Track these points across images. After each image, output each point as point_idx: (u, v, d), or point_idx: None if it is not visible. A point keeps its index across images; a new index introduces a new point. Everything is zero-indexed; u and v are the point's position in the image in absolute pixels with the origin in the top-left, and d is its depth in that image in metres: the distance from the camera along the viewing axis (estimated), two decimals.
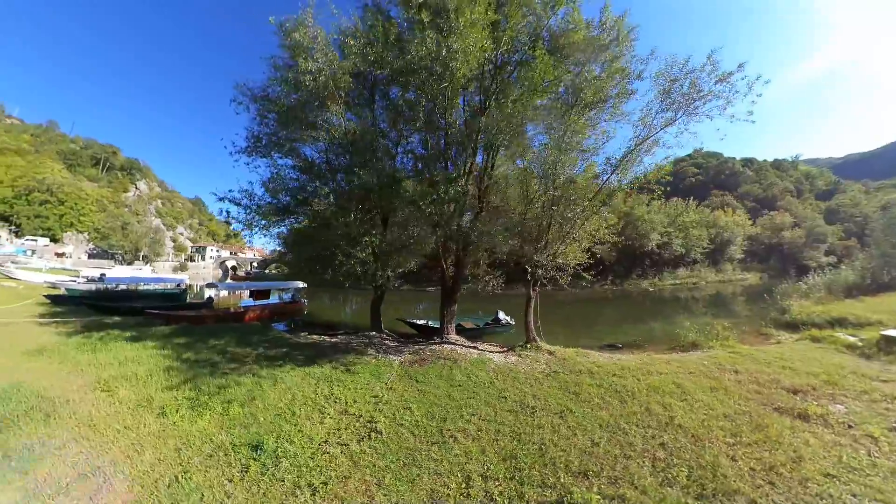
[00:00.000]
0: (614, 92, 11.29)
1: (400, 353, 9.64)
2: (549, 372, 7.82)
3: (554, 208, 10.24)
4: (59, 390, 6.25)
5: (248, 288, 18.64)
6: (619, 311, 25.11)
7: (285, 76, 10.45)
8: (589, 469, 4.14)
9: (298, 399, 6.33)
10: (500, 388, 6.81)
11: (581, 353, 9.56)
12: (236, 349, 9.82)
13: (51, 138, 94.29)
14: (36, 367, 7.63)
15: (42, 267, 38.53)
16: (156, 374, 7.32)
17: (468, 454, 4.49)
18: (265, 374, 7.68)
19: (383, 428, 5.19)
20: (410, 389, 6.83)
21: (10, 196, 65.95)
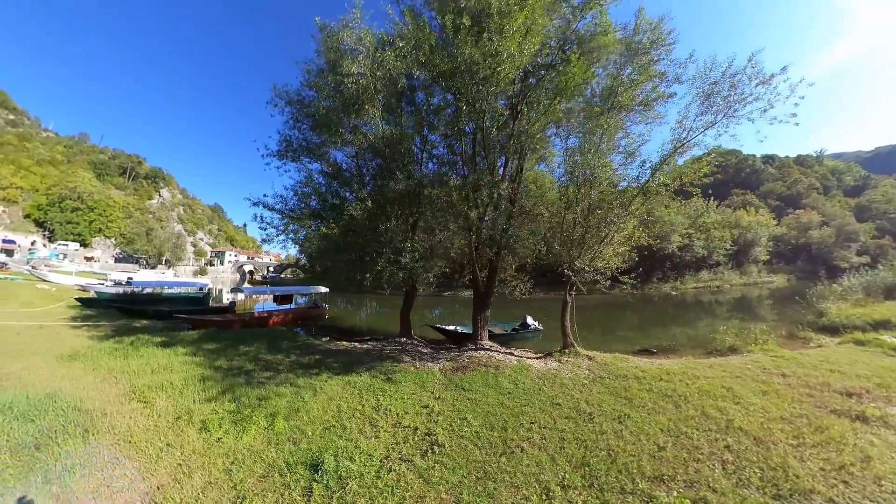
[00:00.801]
0: (651, 95, 10.89)
1: (437, 361, 9.15)
2: (594, 377, 7.52)
3: (598, 211, 9.88)
4: (95, 401, 5.82)
5: (271, 293, 18.29)
6: (642, 315, 24.09)
7: (325, 79, 10.13)
8: (663, 473, 4.02)
9: (345, 411, 5.85)
10: (550, 395, 6.50)
11: (620, 358, 9.19)
12: (268, 356, 9.38)
13: (82, 149, 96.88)
14: (70, 373, 7.26)
15: (72, 270, 38.96)
16: (191, 384, 6.87)
17: (539, 464, 4.26)
18: (302, 383, 7.24)
19: (444, 440, 4.79)
20: (460, 398, 6.41)
21: (45, 203, 67.63)
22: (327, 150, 12.10)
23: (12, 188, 66.30)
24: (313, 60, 12.00)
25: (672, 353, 11.73)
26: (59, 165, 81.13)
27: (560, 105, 11.82)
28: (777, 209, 75.42)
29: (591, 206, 10.06)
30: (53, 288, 27.06)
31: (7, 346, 9.08)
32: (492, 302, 12.36)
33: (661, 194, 10.45)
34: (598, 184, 10.12)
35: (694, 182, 9.95)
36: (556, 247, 11.00)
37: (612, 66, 11.29)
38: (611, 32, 12.12)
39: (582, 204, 10.19)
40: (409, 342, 11.44)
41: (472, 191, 9.90)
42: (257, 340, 10.97)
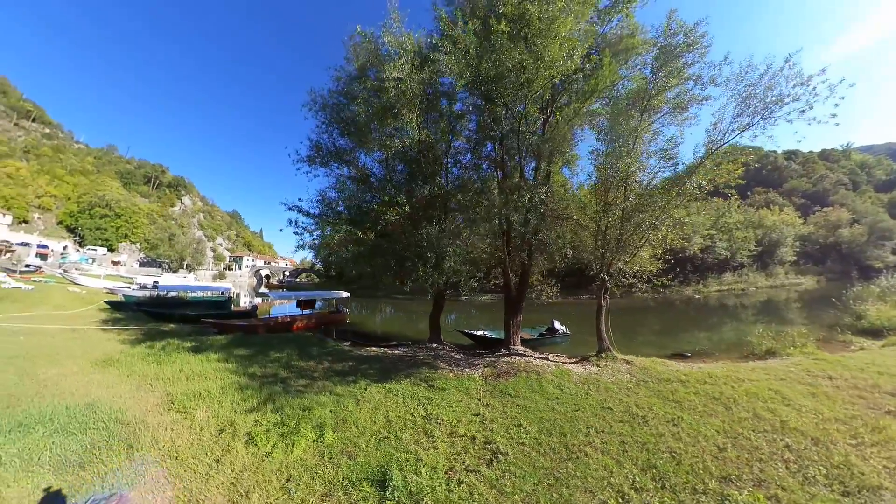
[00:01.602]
0: (685, 97, 10.49)
1: (475, 367, 8.70)
2: (636, 381, 7.28)
3: (639, 214, 9.53)
4: (134, 411, 5.46)
5: (295, 297, 17.97)
6: (663, 319, 23.12)
7: (363, 84, 9.88)
8: (730, 474, 4.00)
9: (394, 420, 5.47)
10: (599, 400, 6.31)
11: (658, 362, 8.85)
12: (300, 362, 8.99)
13: (110, 160, 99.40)
14: (105, 380, 6.94)
15: (101, 274, 39.49)
16: (229, 393, 6.48)
17: (607, 468, 4.16)
18: (341, 391, 6.84)
19: (506, 448, 4.56)
20: (510, 405, 6.13)
21: (76, 210, 69.32)
22: (357, 156, 11.87)
23: (47, 197, 68.15)
24: (343, 67, 11.86)
25: (707, 357, 11.31)
26: (90, 175, 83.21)
27: (588, 107, 11.58)
28: (802, 207, 69.41)
29: (627, 209, 9.77)
30: (84, 291, 27.30)
31: (43, 350, 8.85)
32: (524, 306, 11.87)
33: (698, 196, 10.12)
34: (635, 187, 9.89)
35: (729, 183, 9.53)
36: (590, 250, 10.77)
37: (644, 69, 11.00)
38: (637, 35, 11.75)
39: (620, 207, 9.86)
40: (441, 348, 10.98)
41: (511, 194, 9.60)
42: (286, 346, 10.60)
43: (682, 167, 9.78)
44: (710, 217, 11.14)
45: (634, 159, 10.18)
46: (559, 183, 13.61)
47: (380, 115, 9.65)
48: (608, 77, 10.14)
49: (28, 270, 34.59)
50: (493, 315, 25.13)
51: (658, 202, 9.66)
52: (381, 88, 8.95)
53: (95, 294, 26.50)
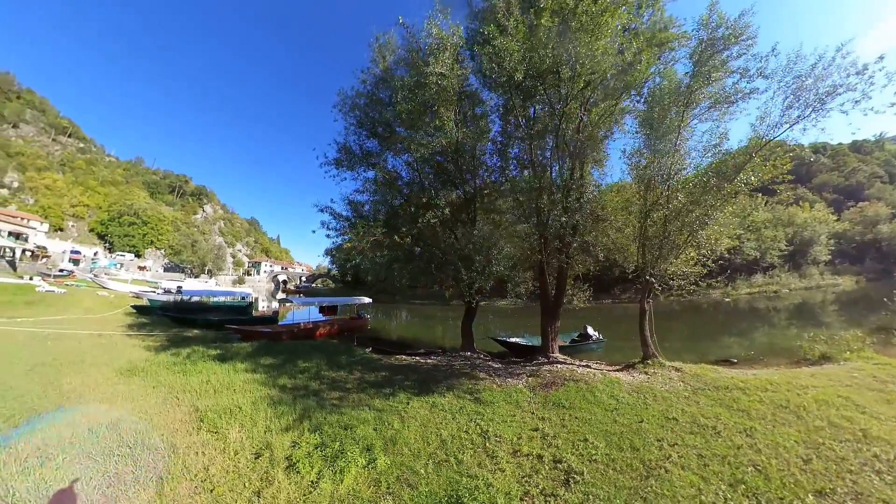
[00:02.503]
0: (731, 91, 9.72)
1: (516, 376, 7.98)
2: (692, 389, 6.79)
3: (693, 211, 8.94)
4: (162, 430, 4.81)
5: (318, 303, 17.44)
6: (691, 325, 21.57)
7: (390, 84, 9.35)
8: (823, 487, 3.70)
9: (448, 440, 4.84)
10: (660, 410, 5.83)
11: (708, 369, 8.26)
12: (330, 373, 8.31)
13: (138, 171, 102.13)
14: (130, 391, 6.35)
15: (128, 279, 39.91)
16: (261, 408, 5.82)
17: (693, 484, 3.80)
18: (381, 405, 6.18)
19: (580, 467, 4.12)
20: (567, 417, 5.63)
21: (107, 219, 71.09)
22: (385, 158, 11.33)
23: (81, 206, 70.13)
24: (369, 69, 11.41)
25: (754, 363, 10.44)
26: (119, 186, 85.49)
27: (622, 104, 11.02)
28: (835, 203, 63.55)
29: (674, 208, 9.16)
30: (112, 295, 27.37)
31: (69, 357, 8.39)
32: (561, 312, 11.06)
33: (746, 194, 9.45)
34: (681, 185, 9.29)
35: (776, 179, 9.02)
36: (627, 251, 10.34)
37: (678, 64, 10.35)
38: (671, 28, 11.09)
39: (665, 206, 9.24)
40: (476, 356, 10.23)
41: (552, 194, 8.94)
42: (314, 355, 9.94)
43: (731, 163, 9.03)
44: (737, 216, 10.38)
45: (681, 157, 9.51)
46: (590, 183, 12.92)
47: (418, 113, 9.06)
48: (644, 72, 9.37)
49: (61, 275, 35.07)
50: (514, 322, 24.18)
51: (709, 200, 8.96)
52: (420, 85, 8.39)
53: (123, 298, 26.51)
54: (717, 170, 9.28)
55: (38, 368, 7.29)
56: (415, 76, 8.95)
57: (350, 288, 62.30)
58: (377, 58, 11.05)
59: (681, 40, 10.63)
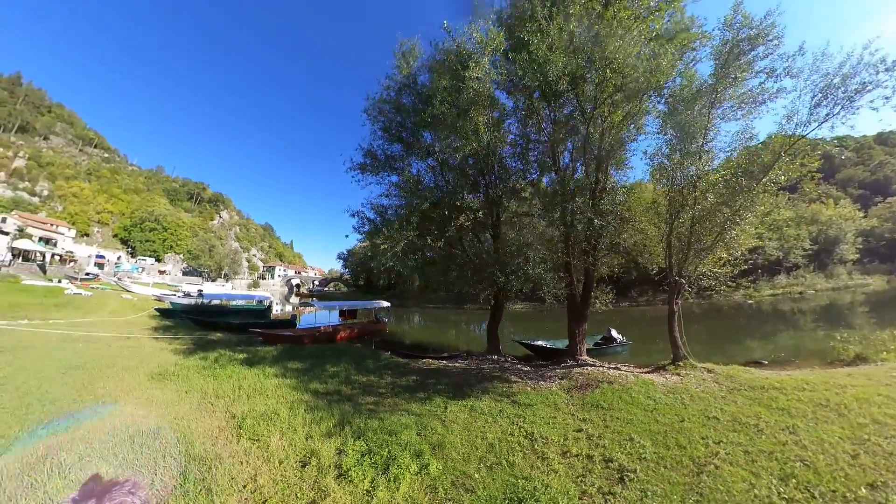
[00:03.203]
0: (757, 91, 9.46)
1: (547, 379, 7.78)
2: (727, 390, 6.67)
3: (718, 214, 8.81)
4: (201, 437, 4.55)
5: (339, 307, 17.23)
6: (710, 328, 20.76)
7: (440, 84, 9.17)
8: (875, 480, 3.67)
9: (495, 443, 4.72)
10: (700, 410, 5.76)
11: (741, 370, 8.01)
12: (360, 377, 8.02)
13: (158, 179, 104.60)
14: (164, 397, 6.13)
15: (149, 282, 40.48)
16: (298, 413, 5.54)
17: (744, 479, 3.82)
18: (419, 409, 5.98)
19: (632, 465, 4.11)
20: (609, 418, 5.58)
21: (129, 225, 72.79)
22: (408, 164, 11.18)
23: (105, 212, 71.96)
24: (392, 76, 11.32)
25: (786, 364, 10.13)
26: (141, 193, 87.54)
27: (644, 105, 10.80)
28: (861, 199, 58.88)
29: (702, 209, 8.99)
30: (135, 298, 27.68)
31: (101, 360, 8.25)
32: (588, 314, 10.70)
33: (772, 193, 9.16)
34: (710, 186, 9.08)
35: (803, 176, 8.85)
36: (653, 252, 10.17)
37: (699, 64, 10.19)
38: (692, 28, 10.85)
39: (692, 207, 9.01)
40: (504, 359, 9.97)
41: (591, 198, 8.73)
42: (340, 359, 9.66)
43: (759, 162, 8.76)
44: (757, 214, 10.09)
45: (710, 158, 9.35)
46: (616, 185, 12.61)
47: (454, 116, 8.86)
48: (668, 73, 9.13)
49: (87, 278, 35.71)
50: (529, 325, 23.67)
51: (739, 200, 8.67)
52: (457, 89, 8.26)
53: (145, 301, 26.77)
54: (745, 170, 9.02)
55: (71, 372, 7.15)
56: (450, 80, 8.78)
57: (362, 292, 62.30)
58: (401, 64, 11.00)
59: (702, 40, 10.42)
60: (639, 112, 10.57)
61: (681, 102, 9.68)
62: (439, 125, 9.26)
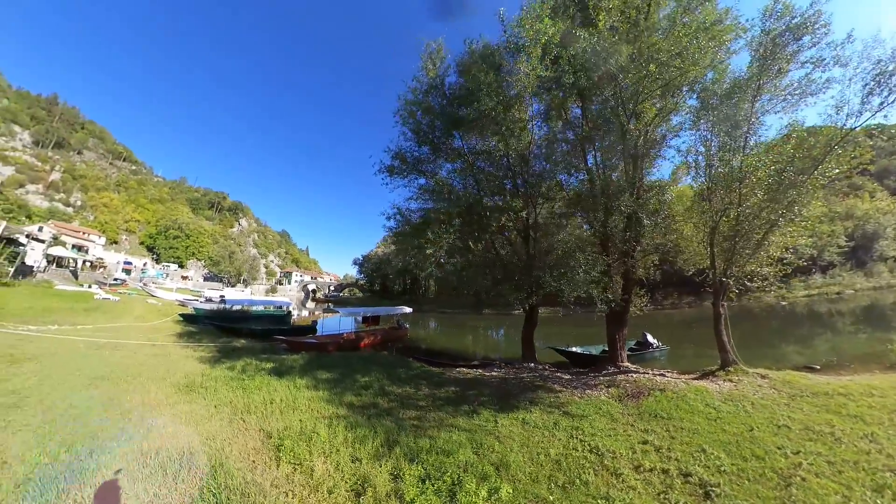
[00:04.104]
0: (804, 83, 8.71)
1: (593, 387, 7.23)
2: (789, 396, 6.32)
3: (767, 212, 8.33)
4: (237, 461, 3.96)
5: (363, 314, 16.69)
6: (740, 331, 19.05)
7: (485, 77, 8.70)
8: None
9: (560, 460, 4.35)
10: (766, 418, 5.45)
11: (797, 375, 7.56)
12: (395, 388, 7.37)
13: (181, 189, 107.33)
14: (193, 412, 5.57)
15: (172, 287, 40.95)
16: (338, 431, 4.90)
17: (836, 492, 3.50)
18: (466, 425, 5.42)
19: (714, 479, 3.84)
20: (672, 428, 5.21)
21: (154, 232, 74.63)
22: (438, 166, 10.73)
23: (133, 221, 74.03)
24: (418, 78, 10.93)
25: (840, 369, 9.53)
26: (165, 203, 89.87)
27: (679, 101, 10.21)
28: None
29: (749, 207, 8.47)
30: (160, 303, 27.82)
31: (127, 370, 7.81)
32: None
33: (824, 187, 8.70)
34: (756, 182, 8.52)
35: (855, 169, 8.42)
36: (693, 253, 9.76)
37: (732, 57, 9.54)
38: (725, 21, 10.23)
39: (741, 204, 8.47)
40: (543, 368, 9.33)
41: (632, 195, 8.11)
42: (371, 369, 9.04)
43: (810, 156, 8.23)
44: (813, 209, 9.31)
45: (759, 153, 8.70)
46: (657, 185, 11.84)
47: (498, 112, 8.34)
48: (706, 67, 8.76)
49: (115, 283, 36.31)
50: (550, 330, 22.65)
51: (789, 196, 8.13)
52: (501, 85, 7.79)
53: (170, 306, 26.83)
54: (795, 164, 8.20)
55: (97, 382, 6.69)
56: (495, 75, 8.29)
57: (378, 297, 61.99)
58: (427, 66, 10.64)
59: (738, 31, 9.76)
60: (675, 108, 10.03)
61: (715, 96, 9.15)
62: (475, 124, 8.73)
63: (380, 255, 72.78)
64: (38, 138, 74.98)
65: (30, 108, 78.25)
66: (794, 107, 8.95)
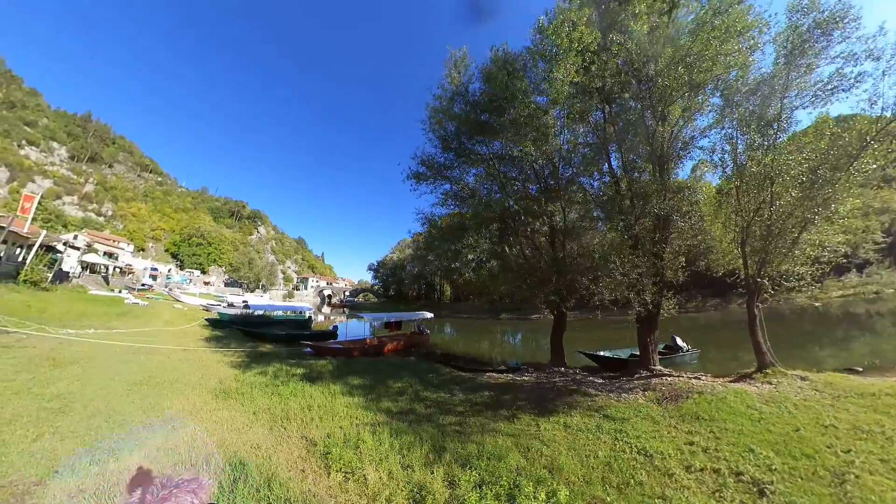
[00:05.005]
0: (835, 78, 8.20)
1: (629, 391, 7.03)
2: (833, 397, 6.01)
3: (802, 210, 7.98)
4: (287, 470, 3.75)
5: (387, 319, 16.53)
6: (773, 335, 17.96)
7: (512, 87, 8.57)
8: None
9: (610, 462, 4.27)
10: (811, 418, 5.25)
11: (839, 376, 7.25)
12: (429, 394, 7.12)
13: (203, 199, 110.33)
14: (232, 418, 5.41)
15: (196, 292, 41.78)
16: (383, 439, 4.65)
17: (894, 489, 3.39)
18: (508, 429, 5.26)
19: (766, 478, 3.75)
20: (717, 430, 5.06)
21: (178, 240, 76.72)
22: (465, 171, 10.61)
23: (159, 230, 76.30)
24: (443, 86, 10.91)
25: (885, 371, 8.98)
26: (188, 212, 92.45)
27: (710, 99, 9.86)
28: None
29: (782, 206, 8.13)
30: (185, 307, 28.30)
31: (164, 375, 7.75)
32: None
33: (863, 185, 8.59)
34: (790, 180, 8.11)
35: (893, 162, 7.83)
36: (730, 251, 9.30)
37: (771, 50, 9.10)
38: (747, 16, 9.92)
39: (773, 203, 8.13)
40: (574, 372, 9.00)
41: (658, 197, 7.86)
42: (400, 374, 8.79)
43: (845, 151, 7.81)
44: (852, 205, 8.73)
45: (791, 150, 8.33)
46: (685, 185, 11.40)
47: (540, 116, 8.18)
48: (732, 65, 8.37)
49: (143, 288, 37.24)
50: (582, 333, 21.95)
51: (824, 193, 7.78)
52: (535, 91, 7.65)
53: (195, 311, 27.26)
54: (829, 160, 7.81)
55: (136, 388, 6.61)
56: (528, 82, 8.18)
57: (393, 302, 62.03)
58: (452, 75, 10.65)
59: (761, 27, 9.40)
60: (700, 107, 9.73)
61: (738, 93, 8.79)
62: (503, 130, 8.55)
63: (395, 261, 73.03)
64: (73, 153, 78.33)
65: (66, 126, 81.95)
66: (824, 103, 8.51)
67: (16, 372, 6.60)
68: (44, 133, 73.10)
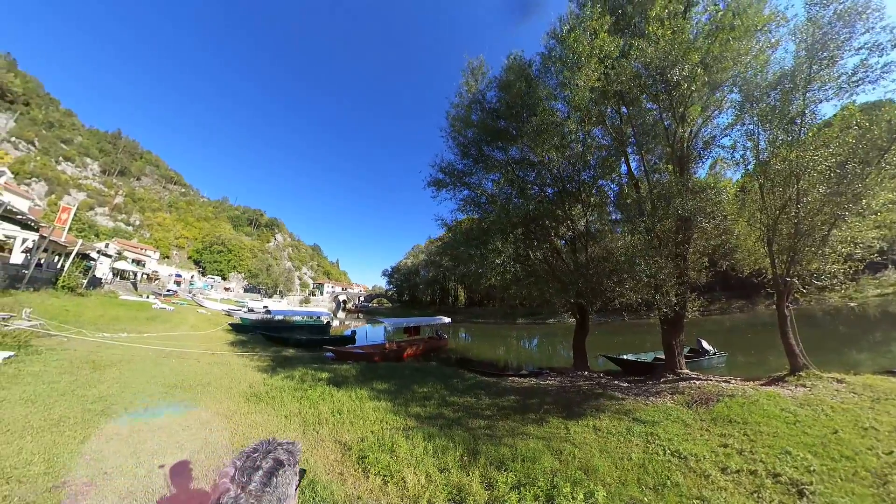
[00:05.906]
0: (859, 70, 7.81)
1: (656, 395, 6.80)
2: (871, 399, 5.78)
3: (832, 206, 7.65)
4: (326, 473, 3.71)
5: (406, 324, 16.53)
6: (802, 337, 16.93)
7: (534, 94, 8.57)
8: None
9: (644, 464, 4.20)
10: (848, 420, 5.03)
11: (878, 379, 6.88)
12: (455, 398, 6.99)
13: (224, 208, 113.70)
14: (266, 422, 5.40)
15: (217, 298, 42.80)
16: (416, 442, 4.56)
17: None
18: (538, 433, 5.18)
19: (807, 479, 3.62)
20: (750, 432, 4.89)
21: (200, 248, 79.12)
22: (482, 178, 10.60)
23: (182, 238, 78.90)
24: (461, 93, 10.97)
25: None
26: (210, 221, 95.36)
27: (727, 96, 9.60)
28: None
29: (809, 202, 7.82)
30: (209, 312, 28.95)
31: (196, 378, 7.85)
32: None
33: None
34: (818, 176, 7.75)
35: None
36: (756, 249, 9.05)
37: (772, 49, 8.79)
38: (763, 10, 9.62)
39: (800, 201, 7.83)
40: (598, 376, 8.80)
41: (679, 197, 7.71)
42: (425, 379, 8.71)
43: (875, 144, 7.49)
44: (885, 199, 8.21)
45: (817, 146, 7.87)
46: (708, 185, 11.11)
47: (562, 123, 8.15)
48: (754, 61, 8.25)
49: (168, 294, 38.37)
50: (604, 338, 21.46)
51: (853, 188, 7.40)
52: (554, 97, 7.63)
53: (217, 316, 27.83)
54: (858, 154, 7.47)
55: (172, 391, 6.71)
56: (550, 89, 8.15)
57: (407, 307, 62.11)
58: (469, 82, 10.70)
59: (779, 21, 9.06)
60: (720, 105, 9.49)
61: (758, 88, 8.47)
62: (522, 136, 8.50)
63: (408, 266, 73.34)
64: (104, 168, 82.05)
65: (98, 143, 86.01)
66: (850, 94, 8.12)
67: (60, 374, 6.79)
68: (78, 150, 76.86)
